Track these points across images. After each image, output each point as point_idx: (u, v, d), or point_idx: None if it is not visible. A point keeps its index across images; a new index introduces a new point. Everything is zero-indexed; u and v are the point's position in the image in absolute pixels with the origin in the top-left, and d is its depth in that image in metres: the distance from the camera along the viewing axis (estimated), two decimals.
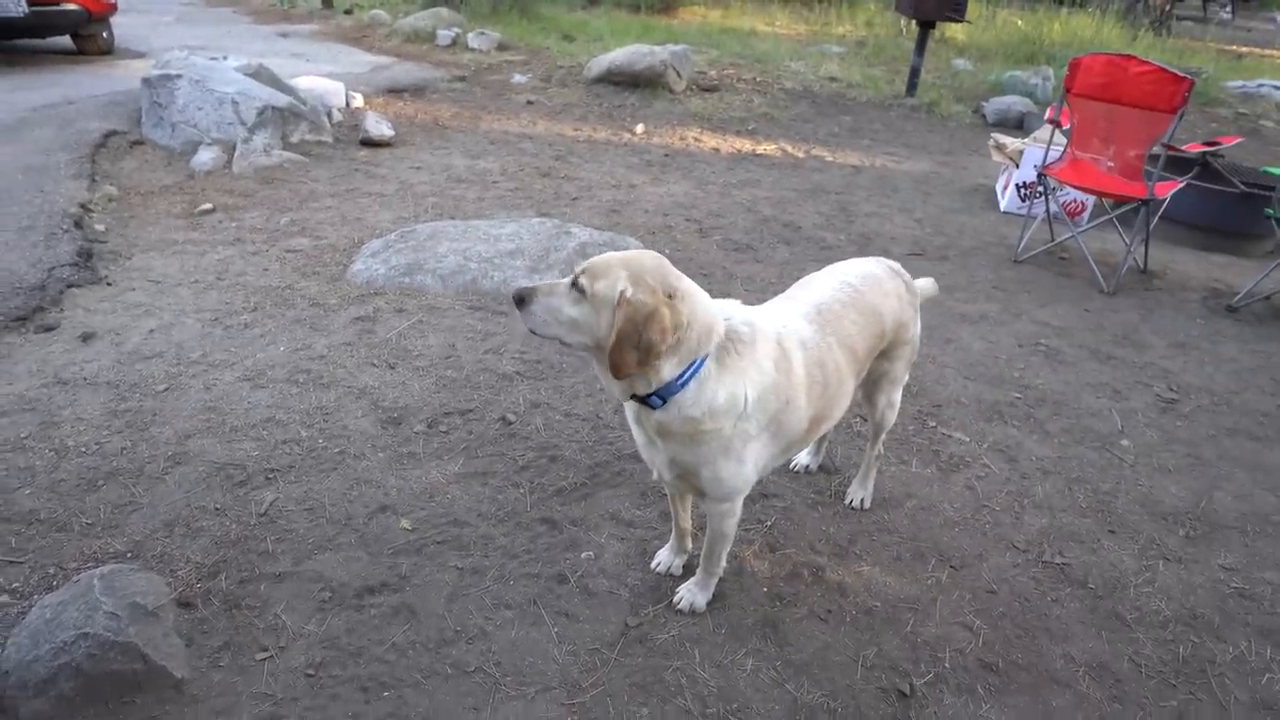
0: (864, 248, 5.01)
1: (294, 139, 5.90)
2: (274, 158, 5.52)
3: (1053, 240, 5.17)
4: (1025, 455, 3.03)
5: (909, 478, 2.85)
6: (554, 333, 1.74)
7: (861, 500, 2.66)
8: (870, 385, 2.33)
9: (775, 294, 4.19)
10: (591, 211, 5.22)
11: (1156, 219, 4.66)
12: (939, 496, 2.77)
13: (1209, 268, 5.20)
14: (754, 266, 4.59)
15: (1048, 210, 5.09)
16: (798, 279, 2.32)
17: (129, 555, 2.26)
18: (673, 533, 2.32)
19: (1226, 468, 3.06)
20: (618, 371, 1.69)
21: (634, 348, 1.66)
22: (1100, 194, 4.63)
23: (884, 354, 2.25)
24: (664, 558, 2.33)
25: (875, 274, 2.22)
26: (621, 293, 1.66)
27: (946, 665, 2.12)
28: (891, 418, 2.47)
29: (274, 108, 5.77)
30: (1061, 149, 4.78)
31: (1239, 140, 5.33)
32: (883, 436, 2.55)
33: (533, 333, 1.78)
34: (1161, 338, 4.11)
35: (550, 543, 2.41)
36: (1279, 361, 3.97)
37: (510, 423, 2.96)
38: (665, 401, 1.77)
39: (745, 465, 1.89)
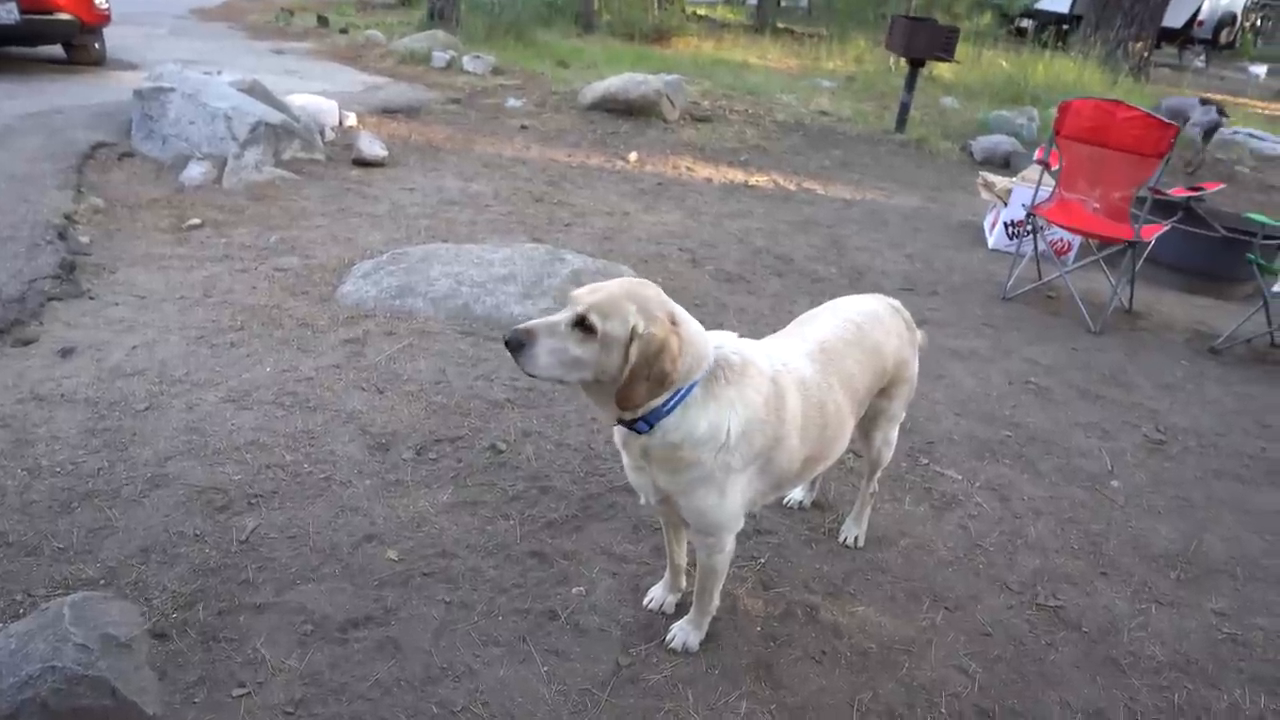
0: (855, 281, 5.03)
1: (286, 156, 5.87)
2: (265, 174, 5.48)
3: (1040, 279, 5.22)
4: (1017, 494, 3.02)
5: (902, 516, 2.83)
6: (556, 374, 1.68)
7: (855, 539, 2.63)
8: (868, 422, 2.31)
9: (768, 326, 4.18)
10: (584, 238, 5.21)
11: (1142, 261, 4.72)
12: (932, 535, 2.75)
13: (1192, 309, 5.27)
14: (747, 298, 4.59)
15: (1035, 249, 5.15)
16: (790, 311, 2.32)
17: (102, 582, 2.18)
18: (667, 569, 2.28)
19: (1214, 510, 3.06)
20: (627, 404, 1.66)
21: (646, 380, 1.64)
22: (1087, 234, 4.69)
23: (883, 392, 2.24)
24: (657, 594, 2.29)
25: (877, 311, 2.22)
26: (634, 329, 1.64)
27: (943, 710, 2.08)
28: (888, 455, 2.45)
29: (267, 124, 5.74)
30: (1050, 189, 4.85)
31: (1220, 186, 5.44)
32: (878, 474, 2.53)
33: (530, 375, 1.71)
34: (1148, 378, 4.15)
35: (540, 577, 2.36)
36: (1261, 404, 4.01)
37: (501, 451, 2.91)
38: (651, 426, 1.74)
39: (727, 499, 1.86)
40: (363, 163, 6.16)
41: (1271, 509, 3.11)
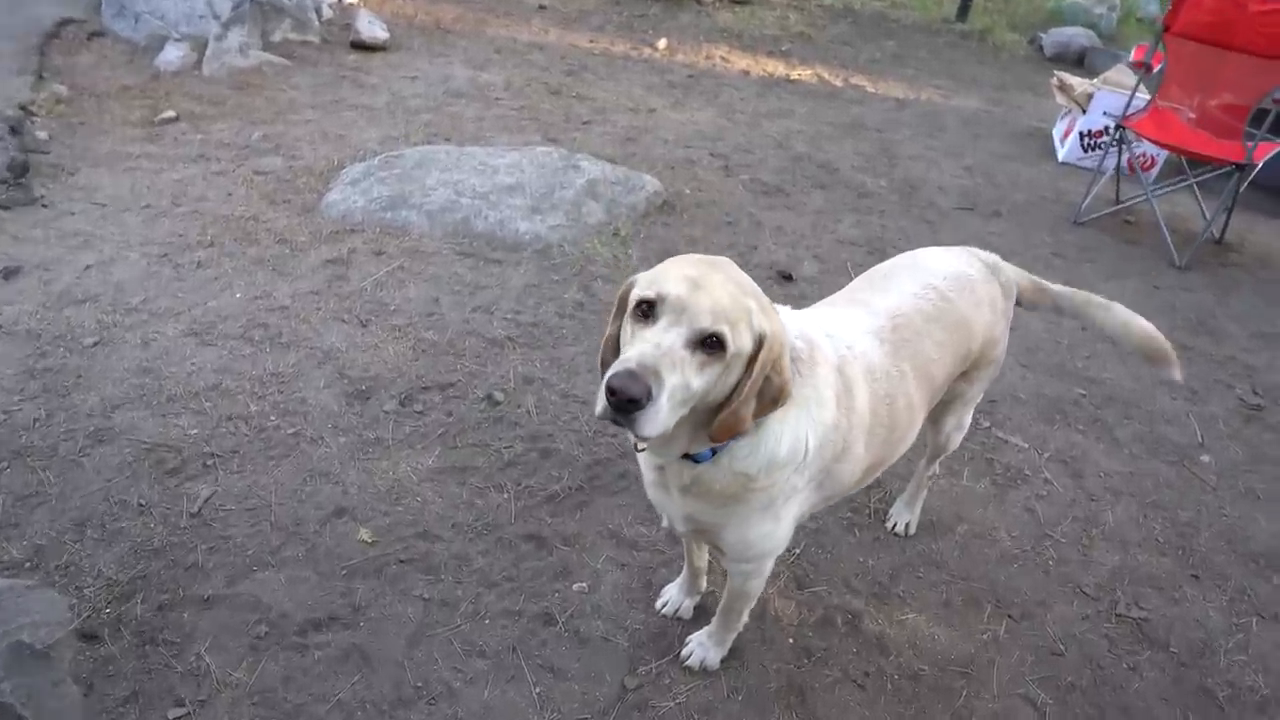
0: (908, 198, 4.47)
1: (275, 38, 5.26)
2: (251, 59, 4.90)
3: (1118, 201, 4.61)
4: (1092, 469, 2.62)
5: (960, 494, 2.45)
6: (669, 424, 1.18)
7: (906, 525, 2.25)
8: (940, 407, 1.88)
9: (808, 250, 3.68)
10: (604, 139, 4.65)
11: (1245, 185, 4.10)
12: (994, 520, 2.37)
13: None
14: (785, 214, 4.07)
15: (1118, 166, 4.52)
16: (834, 231, 1.93)
17: (27, 565, 1.87)
18: (685, 567, 1.92)
19: None
20: (735, 431, 1.26)
21: (761, 396, 1.25)
22: (1189, 154, 4.05)
23: (964, 374, 1.80)
24: (673, 597, 1.95)
25: (969, 275, 1.74)
26: (761, 335, 1.22)
27: None
28: (958, 440, 2.04)
29: (253, 0, 5.11)
30: (1145, 97, 4.18)
31: None
32: (941, 458, 2.13)
33: (643, 440, 1.22)
34: (1241, 325, 3.63)
35: (536, 567, 2.02)
36: None
37: (498, 403, 2.53)
38: (714, 452, 1.33)
39: (781, 525, 1.48)
40: (362, 46, 5.54)
41: None
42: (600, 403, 1.14)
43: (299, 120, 4.35)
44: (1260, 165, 4.06)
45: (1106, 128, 5.10)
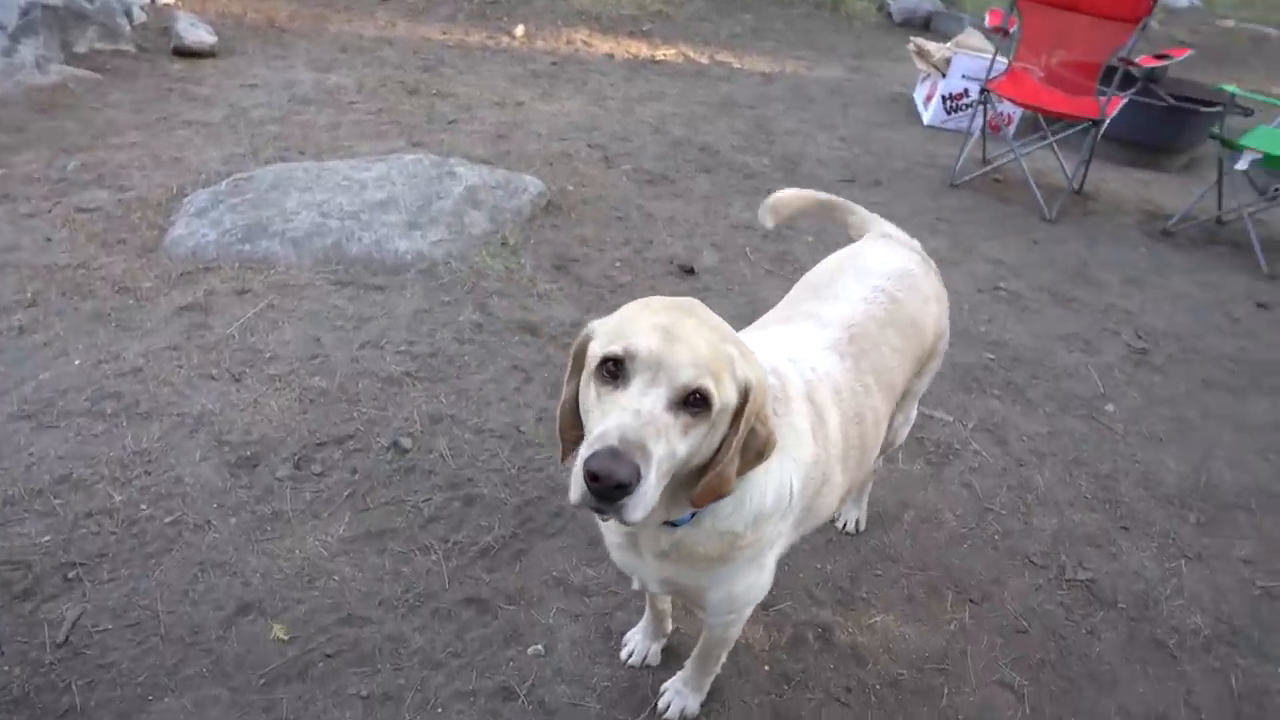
0: (791, 174, 4.46)
1: (79, 49, 4.63)
2: (52, 75, 4.28)
3: (986, 161, 4.79)
4: (1015, 433, 2.66)
5: (899, 479, 2.42)
6: (655, 501, 1.02)
7: (856, 522, 2.20)
8: None
9: (705, 239, 3.59)
10: (474, 139, 4.38)
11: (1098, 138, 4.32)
12: (936, 501, 2.35)
13: (1136, 186, 4.99)
14: (674, 203, 3.95)
15: (984, 128, 4.68)
16: (727, 216, 1.83)
17: None
18: (647, 610, 1.78)
19: (1213, 429, 2.81)
20: (721, 492, 1.10)
21: (746, 451, 1.11)
22: (1049, 113, 4.23)
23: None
24: (637, 644, 1.80)
25: (910, 272, 1.66)
26: (746, 385, 1.07)
27: None
28: (905, 434, 1.98)
29: (45, 6, 4.46)
30: (1004, 60, 4.32)
31: (1188, 53, 5.05)
32: (889, 451, 2.07)
33: (629, 526, 1.05)
34: (1112, 272, 3.84)
35: (483, 635, 1.82)
36: (1225, 294, 3.79)
37: (406, 450, 2.29)
38: (694, 514, 1.18)
39: (765, 572, 1.36)
40: (186, 52, 4.97)
41: (1267, 422, 2.88)
42: (577, 489, 0.97)
43: (122, 143, 3.83)
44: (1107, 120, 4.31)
45: (966, 90, 5.29)
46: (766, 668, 1.83)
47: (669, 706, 1.68)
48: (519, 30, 6.30)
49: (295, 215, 3.17)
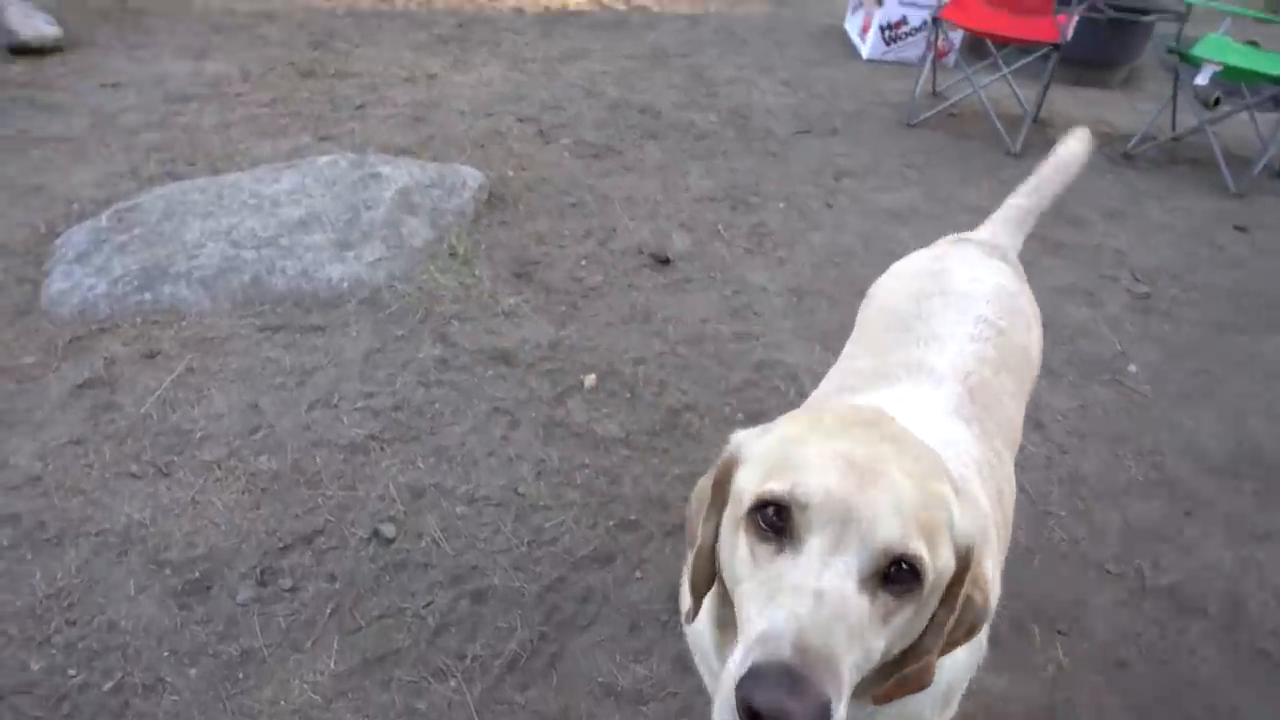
0: (742, 129, 4.11)
1: None
2: None
3: (935, 94, 4.54)
4: (1048, 413, 2.47)
5: None
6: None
7: None
8: None
9: (669, 219, 3.26)
10: (389, 125, 3.85)
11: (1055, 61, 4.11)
12: None
13: (1086, 106, 4.83)
14: (627, 178, 3.57)
15: (934, 60, 4.41)
16: (686, 188, 1.77)
17: None
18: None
19: (1239, 380, 2.69)
20: (922, 687, 0.80)
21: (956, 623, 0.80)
22: (1006, 39, 3.98)
23: None
24: None
25: (1006, 289, 1.39)
26: (968, 545, 0.76)
27: None
28: None
29: None
30: None
31: None
32: None
33: None
34: (1090, 207, 3.67)
35: None
36: (1200, 219, 3.70)
37: (390, 540, 1.92)
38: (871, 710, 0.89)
39: (951, 707, 1.08)
40: (26, 50, 4.19)
41: None
42: (726, 717, 0.66)
43: None
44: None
45: (905, 18, 4.99)
46: None
47: None
48: None
49: (200, 249, 2.67)
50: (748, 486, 0.77)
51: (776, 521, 0.74)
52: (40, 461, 2.03)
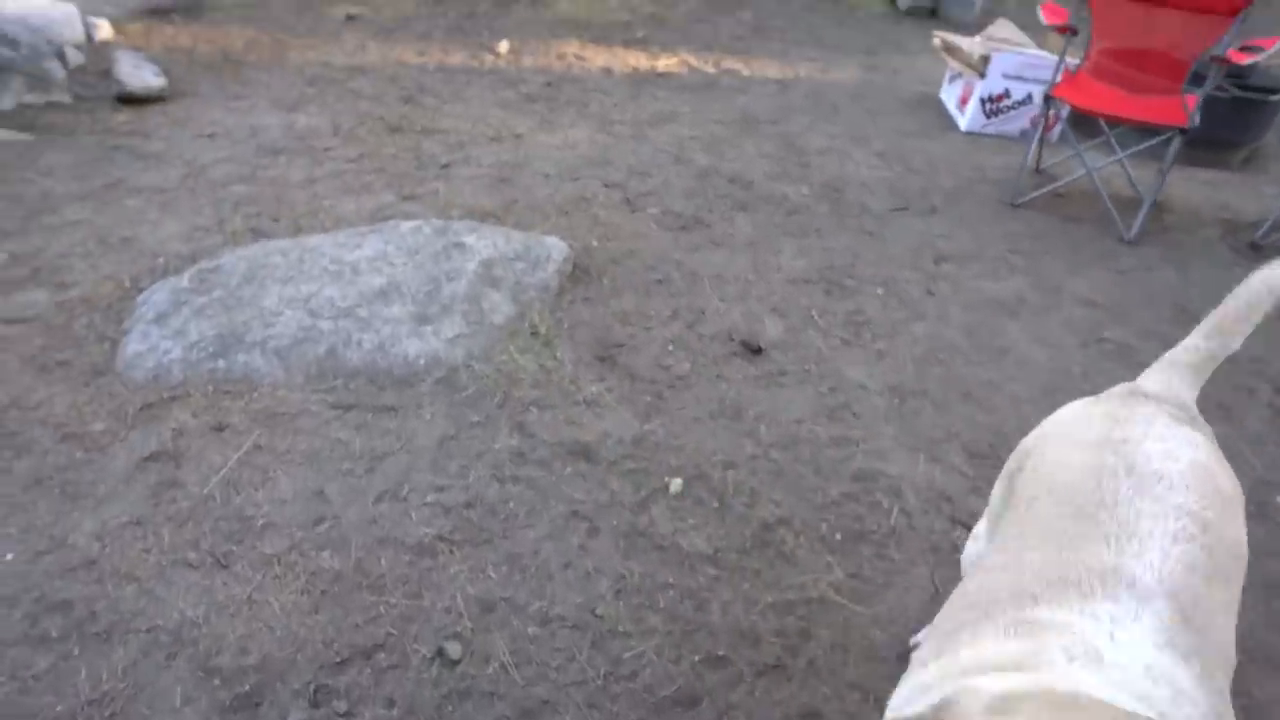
0: (835, 203, 3.93)
1: (4, 105, 3.99)
2: None
3: (1039, 171, 4.30)
4: None
5: None
6: None
7: None
8: None
9: (760, 300, 3.14)
10: (473, 185, 3.80)
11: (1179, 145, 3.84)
12: None
13: (1204, 189, 4.52)
14: (716, 254, 3.42)
15: (1040, 138, 4.17)
16: (779, 267, 1.77)
17: None
18: None
19: None
20: None
21: None
22: (1129, 122, 3.73)
23: None
24: None
25: (1205, 466, 1.15)
26: None
27: None
28: None
29: None
30: (1069, 61, 3.82)
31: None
32: None
33: None
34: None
35: None
36: None
37: (455, 661, 1.75)
38: None
39: None
40: (132, 99, 4.32)
41: None
42: None
43: (61, 223, 3.22)
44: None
45: (1008, 91, 4.79)
46: None
47: None
48: (503, 46, 5.70)
49: (277, 317, 2.60)
50: None
51: None
52: (99, 542, 1.94)
